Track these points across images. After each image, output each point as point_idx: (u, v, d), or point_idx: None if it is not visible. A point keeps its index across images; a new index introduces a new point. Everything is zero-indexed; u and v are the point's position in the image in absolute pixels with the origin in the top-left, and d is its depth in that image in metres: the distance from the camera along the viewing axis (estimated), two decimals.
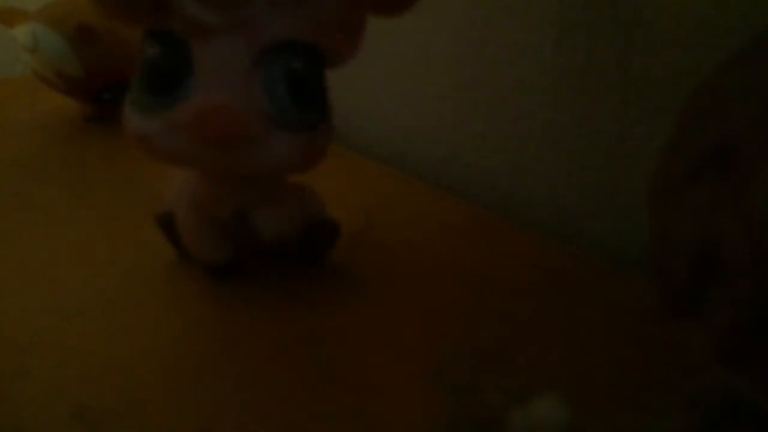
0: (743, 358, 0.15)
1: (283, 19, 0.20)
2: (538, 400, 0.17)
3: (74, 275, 0.25)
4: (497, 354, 0.21)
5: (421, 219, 0.31)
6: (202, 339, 0.22)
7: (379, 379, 0.20)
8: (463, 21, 0.34)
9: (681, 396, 0.17)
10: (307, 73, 0.20)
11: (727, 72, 0.16)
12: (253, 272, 0.26)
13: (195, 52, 0.20)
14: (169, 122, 0.20)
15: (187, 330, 0.22)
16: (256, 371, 0.20)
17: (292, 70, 0.20)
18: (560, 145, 0.32)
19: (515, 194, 0.35)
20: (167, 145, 0.20)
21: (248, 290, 0.25)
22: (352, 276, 0.26)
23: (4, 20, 0.40)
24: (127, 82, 0.24)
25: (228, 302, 0.24)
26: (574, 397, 0.18)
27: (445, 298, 0.24)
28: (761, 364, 0.15)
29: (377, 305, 0.24)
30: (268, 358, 0.21)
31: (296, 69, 0.20)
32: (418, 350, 0.21)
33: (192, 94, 0.20)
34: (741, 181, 0.14)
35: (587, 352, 0.21)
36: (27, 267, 0.26)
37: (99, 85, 0.42)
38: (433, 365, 0.21)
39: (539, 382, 0.20)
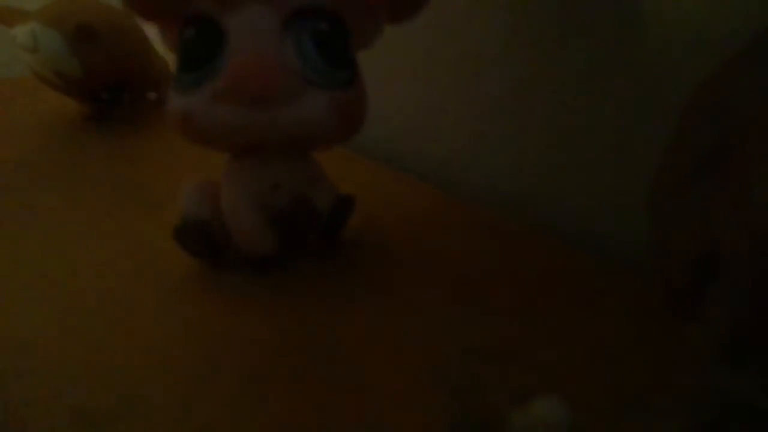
0: (743, 357, 0.15)
1: None
2: (538, 400, 0.17)
3: (74, 275, 0.25)
4: (497, 354, 0.21)
5: (421, 219, 0.31)
6: (203, 339, 0.22)
7: (380, 379, 0.20)
8: (464, 21, 0.34)
9: (681, 395, 0.17)
10: (333, 32, 0.22)
11: (726, 72, 0.16)
12: (256, 273, 0.26)
13: (226, 25, 0.21)
14: (209, 93, 0.21)
15: (188, 330, 0.22)
16: (257, 371, 0.20)
17: (318, 30, 0.21)
18: (560, 145, 0.32)
19: (515, 194, 0.35)
20: (209, 118, 0.21)
21: (249, 291, 0.25)
22: (353, 276, 0.26)
23: (3, 20, 0.40)
24: (125, 82, 0.24)
25: (229, 302, 0.24)
26: (574, 396, 0.18)
27: (445, 298, 0.25)
28: (761, 363, 0.15)
29: (377, 305, 0.24)
30: (269, 358, 0.21)
31: (323, 29, 0.22)
32: (418, 350, 0.21)
33: (228, 63, 0.21)
34: (740, 181, 0.14)
35: (587, 352, 0.21)
36: (27, 266, 0.26)
37: (98, 84, 0.42)
38: (433, 365, 0.21)
39: (539, 382, 0.20)
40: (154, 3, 0.22)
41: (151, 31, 0.47)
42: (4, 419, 0.18)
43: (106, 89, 0.44)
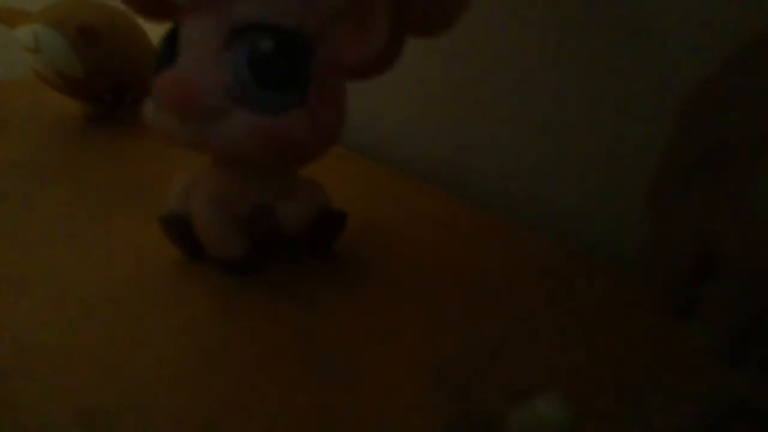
0: (742, 355, 0.15)
1: (257, 1, 0.21)
2: (538, 399, 0.17)
3: (76, 275, 0.25)
4: (497, 354, 0.21)
5: (421, 219, 0.31)
6: (204, 339, 0.22)
7: (380, 379, 0.20)
8: (464, 21, 0.34)
9: (681, 394, 0.17)
10: (273, 53, 0.21)
11: (725, 73, 0.16)
12: (258, 271, 0.26)
13: (180, 35, 0.21)
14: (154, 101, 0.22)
15: (189, 330, 0.22)
16: (258, 371, 0.20)
17: (255, 49, 0.20)
18: (560, 146, 0.32)
19: (515, 194, 0.35)
20: (156, 123, 0.22)
21: (249, 291, 0.25)
22: (353, 276, 0.26)
23: (5, 21, 0.40)
24: (127, 83, 0.24)
25: (229, 302, 0.24)
26: (574, 396, 0.18)
27: (445, 298, 0.25)
28: (759, 361, 0.15)
29: (378, 305, 0.24)
30: (269, 358, 0.21)
31: (263, 48, 0.21)
32: (418, 350, 0.22)
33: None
34: (738, 181, 0.14)
35: (587, 352, 0.22)
36: (29, 266, 0.26)
37: (100, 85, 0.42)
38: (433, 365, 0.21)
39: (539, 381, 0.20)
40: (151, 5, 0.23)
41: (153, 32, 0.47)
42: (6, 418, 0.18)
43: (108, 90, 0.44)
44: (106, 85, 0.43)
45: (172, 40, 0.22)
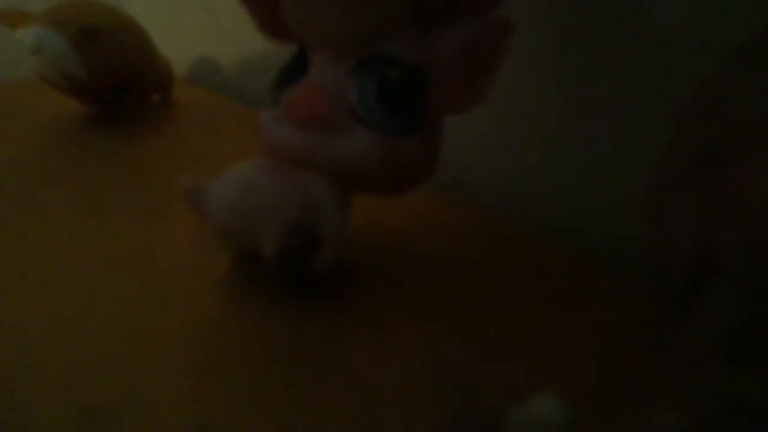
0: (741, 356, 0.15)
1: (394, 43, 0.22)
2: (537, 399, 0.18)
3: (77, 275, 0.25)
4: (497, 353, 0.22)
5: (421, 219, 0.31)
6: (207, 338, 0.22)
7: (379, 379, 0.20)
8: None
9: (679, 395, 0.18)
10: (399, 81, 0.22)
11: (724, 74, 0.16)
12: (254, 275, 0.26)
13: (311, 57, 0.23)
14: (279, 112, 0.23)
15: (192, 329, 0.23)
16: (259, 371, 0.20)
17: (384, 77, 0.22)
18: (560, 146, 0.32)
19: (515, 194, 0.35)
20: (273, 132, 0.23)
21: (249, 290, 0.25)
22: (352, 275, 0.26)
23: (7, 22, 0.40)
24: (129, 84, 0.24)
25: (230, 302, 0.24)
26: (574, 395, 0.19)
27: (445, 298, 0.25)
28: (757, 362, 0.15)
29: (377, 305, 0.24)
30: (270, 358, 0.21)
31: (390, 76, 0.22)
32: (418, 349, 0.22)
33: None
34: (737, 182, 0.14)
35: (586, 352, 0.22)
36: (31, 266, 0.26)
37: (102, 86, 0.43)
38: (433, 365, 0.21)
39: (539, 380, 0.20)
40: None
41: (154, 33, 0.47)
42: (10, 417, 0.18)
43: (110, 91, 0.44)
44: (109, 86, 0.43)
45: (299, 60, 0.23)
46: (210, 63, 0.60)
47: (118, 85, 0.44)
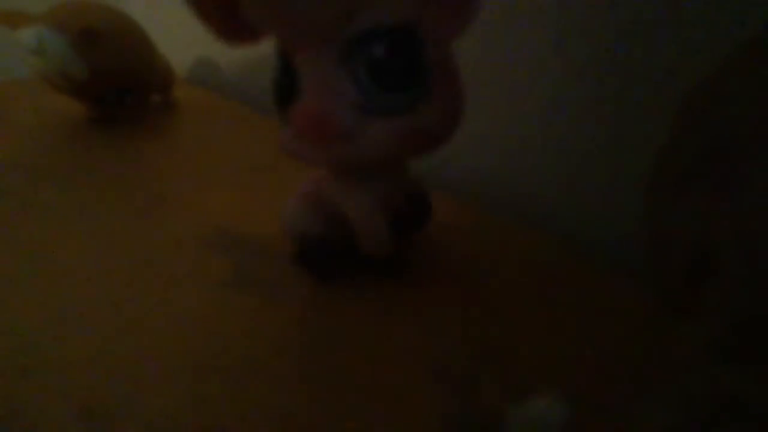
0: (739, 356, 0.15)
1: (375, 10, 0.21)
2: (537, 398, 0.18)
3: (78, 275, 0.26)
4: (497, 352, 0.22)
5: None
6: (206, 338, 0.22)
7: (379, 378, 0.20)
8: None
9: (678, 395, 0.18)
10: (388, 54, 0.21)
11: (723, 74, 0.16)
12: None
13: (295, 65, 0.21)
14: (292, 131, 0.22)
15: (191, 329, 0.23)
16: (259, 370, 0.21)
17: (371, 59, 0.21)
18: (560, 146, 0.32)
19: (515, 194, 0.35)
20: (297, 151, 0.23)
21: (250, 291, 0.25)
22: (350, 275, 0.26)
23: (8, 23, 0.40)
24: (130, 85, 0.24)
25: (230, 301, 0.24)
26: (573, 395, 0.19)
27: (444, 298, 0.25)
28: (756, 361, 0.15)
29: (376, 304, 0.24)
30: (271, 357, 0.21)
31: (376, 56, 0.21)
32: (417, 349, 0.22)
33: (295, 108, 0.21)
34: (736, 181, 0.14)
35: (586, 351, 0.22)
36: (31, 267, 0.26)
37: (103, 87, 0.43)
38: (433, 364, 0.21)
39: (538, 380, 0.20)
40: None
41: (154, 34, 0.48)
42: (8, 418, 0.18)
43: (111, 91, 0.44)
44: (109, 86, 0.43)
45: (286, 76, 0.22)
46: (210, 63, 0.60)
47: (118, 86, 0.44)
